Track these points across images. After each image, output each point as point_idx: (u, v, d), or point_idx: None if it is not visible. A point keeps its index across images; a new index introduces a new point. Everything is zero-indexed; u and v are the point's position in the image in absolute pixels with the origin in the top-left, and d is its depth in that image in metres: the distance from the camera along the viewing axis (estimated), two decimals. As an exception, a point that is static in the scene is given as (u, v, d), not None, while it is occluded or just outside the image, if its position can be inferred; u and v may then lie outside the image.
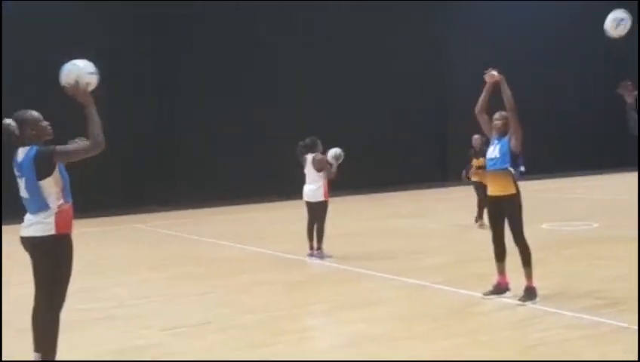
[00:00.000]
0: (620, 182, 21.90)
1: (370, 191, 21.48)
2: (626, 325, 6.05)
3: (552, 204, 16.34)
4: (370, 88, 23.37)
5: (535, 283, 7.05)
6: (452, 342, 5.79)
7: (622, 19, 6.30)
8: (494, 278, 7.36)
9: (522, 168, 7.55)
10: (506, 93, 7.03)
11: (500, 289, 7.25)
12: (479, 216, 12.76)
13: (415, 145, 24.60)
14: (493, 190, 7.11)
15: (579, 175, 25.17)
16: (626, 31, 6.30)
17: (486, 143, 12.64)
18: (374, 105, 23.52)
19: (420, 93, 24.67)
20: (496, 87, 7.14)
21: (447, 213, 16.01)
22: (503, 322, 6.43)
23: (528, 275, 7.06)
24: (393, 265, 9.33)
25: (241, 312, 7.05)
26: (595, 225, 12.48)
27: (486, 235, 11.60)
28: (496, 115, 7.15)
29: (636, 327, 5.95)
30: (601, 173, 25.71)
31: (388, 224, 14.16)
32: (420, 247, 10.94)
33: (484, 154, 12.49)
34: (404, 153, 24.10)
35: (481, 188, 12.73)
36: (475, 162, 12.82)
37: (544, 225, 12.31)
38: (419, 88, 24.65)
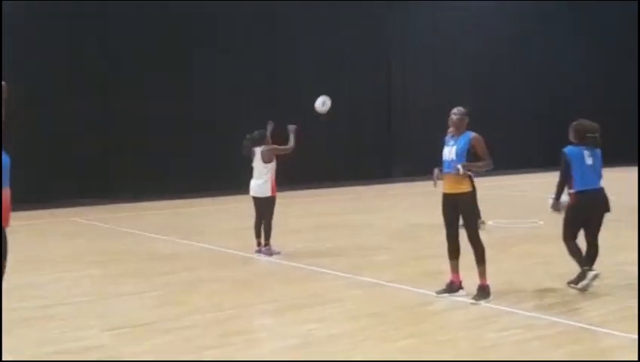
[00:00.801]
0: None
1: (317, 186, 21.29)
2: (581, 325, 6.00)
3: (497, 201, 16.38)
4: (318, 84, 23.12)
5: (488, 281, 6.97)
6: (408, 342, 5.64)
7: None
8: (447, 276, 7.25)
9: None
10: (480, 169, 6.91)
11: (454, 287, 7.14)
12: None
13: (361, 142, 24.54)
14: (447, 187, 6.98)
15: (522, 172, 25.53)
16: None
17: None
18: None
19: (366, 89, 24.62)
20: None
21: (394, 209, 15.96)
22: (458, 321, 6.31)
23: (482, 274, 6.97)
24: (344, 263, 9.15)
25: (186, 312, 6.74)
26: (541, 222, 12.55)
27: (435, 232, 11.64)
28: (454, 110, 7.02)
29: (592, 327, 5.92)
30: (545, 171, 26.10)
31: (336, 220, 13.97)
32: (370, 244, 10.78)
33: None
34: (350, 149, 24.03)
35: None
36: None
37: (490, 222, 12.28)
38: (366, 85, 24.61)
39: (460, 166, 6.70)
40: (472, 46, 26.86)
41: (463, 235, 7.07)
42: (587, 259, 7.27)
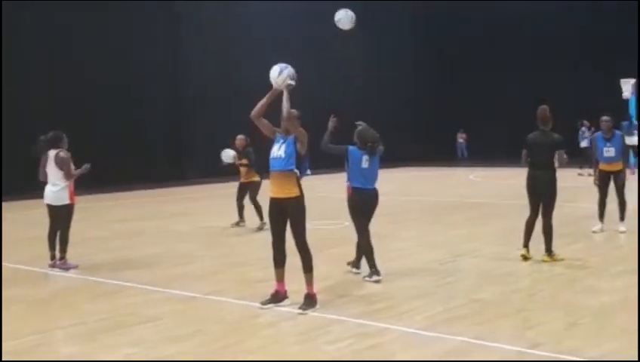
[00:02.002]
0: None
1: (108, 190, 19.97)
2: (412, 330, 5.92)
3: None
4: (104, 82, 22.01)
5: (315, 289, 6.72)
6: (242, 362, 5.19)
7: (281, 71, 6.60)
8: (271, 286, 6.89)
9: (309, 171, 7.20)
10: (286, 105, 6.59)
11: (279, 297, 6.80)
12: (242, 217, 12.36)
13: (152, 144, 23.59)
14: (276, 191, 6.62)
15: (326, 173, 25.90)
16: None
17: (251, 144, 12.33)
18: (113, 104, 22.25)
19: (156, 92, 23.77)
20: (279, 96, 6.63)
21: (197, 213, 15.30)
22: (289, 334, 5.98)
23: (309, 282, 6.70)
24: (153, 275, 8.45)
25: (-24, 344, 5.74)
26: (347, 223, 12.62)
27: (248, 238, 11.29)
28: (284, 114, 6.65)
29: (422, 332, 5.86)
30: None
31: (137, 226, 13.07)
32: (179, 252, 10.11)
33: (247, 155, 12.22)
34: (141, 152, 23.01)
35: (248, 188, 12.25)
36: (237, 161, 12.28)
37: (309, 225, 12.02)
38: (155, 87, 23.76)
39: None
40: (267, 46, 26.89)
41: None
42: (359, 252, 8.21)
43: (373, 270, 7.85)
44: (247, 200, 12.35)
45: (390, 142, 32.21)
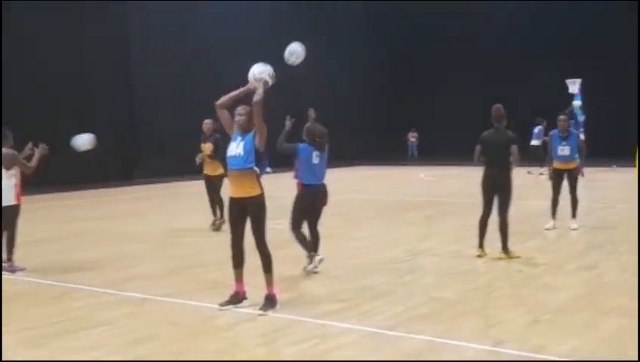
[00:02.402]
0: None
1: (55, 190, 19.39)
2: (375, 329, 5.82)
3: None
4: (57, 85, 21.47)
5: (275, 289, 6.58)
6: (202, 367, 5.01)
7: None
8: (230, 286, 6.72)
9: (268, 169, 7.10)
10: (257, 97, 6.38)
11: (238, 298, 6.63)
12: (216, 215, 11.79)
13: (102, 143, 22.88)
14: (235, 191, 6.44)
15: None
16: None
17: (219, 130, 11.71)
18: (61, 103, 21.60)
19: (108, 91, 23.24)
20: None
21: (147, 214, 14.95)
22: (251, 336, 5.79)
23: (269, 282, 6.55)
24: (105, 277, 8.16)
25: None
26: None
27: (203, 238, 11.04)
28: (240, 110, 6.48)
29: (386, 331, 5.77)
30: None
31: (86, 227, 12.65)
32: (130, 253, 9.80)
33: (215, 142, 11.75)
34: (91, 150, 22.36)
35: (213, 182, 11.83)
36: (203, 147, 11.87)
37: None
38: (107, 86, 23.21)
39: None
40: (219, 47, 26.57)
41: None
42: (312, 245, 8.21)
43: (312, 254, 8.14)
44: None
45: (341, 140, 32.37)
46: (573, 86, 23.09)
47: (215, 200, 11.75)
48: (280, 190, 11.18)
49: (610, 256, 8.84)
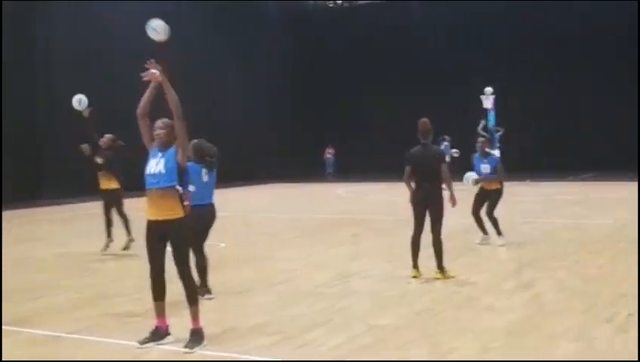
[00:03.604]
0: (239, 197, 22.14)
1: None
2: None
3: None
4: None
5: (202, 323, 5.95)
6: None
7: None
8: (149, 321, 6.06)
9: (191, 187, 6.42)
10: (171, 95, 5.80)
11: (160, 334, 5.96)
12: (110, 237, 11.07)
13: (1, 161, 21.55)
14: (154, 213, 5.79)
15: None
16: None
17: (119, 150, 11.09)
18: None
19: (7, 105, 21.84)
20: (160, 88, 5.86)
21: (53, 238, 13.86)
22: (176, 379, 5.16)
23: (195, 315, 5.91)
24: (9, 311, 7.24)
25: None
26: (222, 244, 11.87)
27: (117, 264, 10.23)
28: (159, 123, 5.87)
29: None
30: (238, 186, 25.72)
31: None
32: (35, 283, 8.86)
33: (104, 157, 10.98)
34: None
35: (108, 197, 11.08)
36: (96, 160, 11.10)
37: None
38: (6, 100, 21.82)
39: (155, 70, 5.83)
40: (128, 56, 25.56)
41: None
42: (203, 276, 7.69)
43: (206, 289, 7.62)
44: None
45: (257, 159, 32.01)
46: (487, 101, 23.37)
47: (111, 219, 11.01)
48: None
49: (543, 273, 8.63)
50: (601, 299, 7.09)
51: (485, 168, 11.11)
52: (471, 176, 11.23)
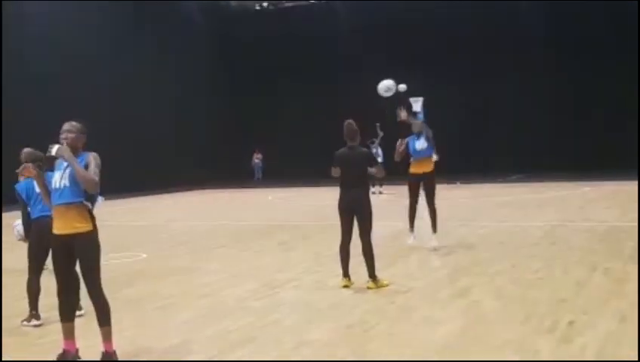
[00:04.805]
0: (166, 206, 21.30)
1: None
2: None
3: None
4: None
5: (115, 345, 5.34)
6: None
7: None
8: (57, 343, 5.43)
9: (100, 199, 5.83)
10: (84, 179, 5.12)
11: (68, 358, 5.33)
12: None
13: None
14: (61, 227, 5.16)
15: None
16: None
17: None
18: None
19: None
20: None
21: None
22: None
23: (107, 336, 5.32)
24: None
25: None
26: (144, 255, 11.19)
27: (16, 279, 9.35)
28: (67, 126, 5.26)
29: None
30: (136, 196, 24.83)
31: None
32: None
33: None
34: None
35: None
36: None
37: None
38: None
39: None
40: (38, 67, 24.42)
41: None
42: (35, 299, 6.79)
43: (34, 313, 6.75)
44: None
45: (184, 165, 31.10)
46: (416, 104, 23.29)
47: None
48: (122, 218, 9.81)
49: (480, 279, 8.31)
50: (541, 305, 6.79)
51: (420, 144, 10.65)
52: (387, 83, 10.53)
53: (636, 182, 18.88)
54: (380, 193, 21.31)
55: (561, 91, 28.37)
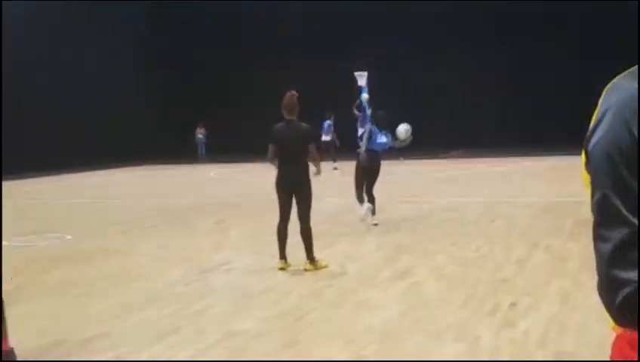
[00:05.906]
0: (101, 182, 20.45)
1: None
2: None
3: (17, 211, 13.53)
4: None
5: (12, 342, 4.81)
6: None
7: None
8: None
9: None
10: None
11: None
12: None
13: None
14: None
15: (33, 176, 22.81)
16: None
17: None
18: None
19: None
20: None
21: None
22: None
23: (2, 334, 4.76)
24: None
25: None
26: (69, 236, 10.56)
27: None
28: None
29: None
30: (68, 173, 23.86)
31: None
32: None
33: None
34: None
35: None
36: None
37: (6, 242, 9.61)
38: None
39: None
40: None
41: None
42: None
43: None
44: None
45: (126, 140, 30.24)
46: (362, 79, 22.85)
47: None
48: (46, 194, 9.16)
49: (420, 259, 8.01)
50: (482, 286, 6.51)
51: (381, 139, 10.54)
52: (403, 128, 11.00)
53: (574, 156, 18.89)
54: (335, 168, 20.74)
55: (500, 67, 28.29)
